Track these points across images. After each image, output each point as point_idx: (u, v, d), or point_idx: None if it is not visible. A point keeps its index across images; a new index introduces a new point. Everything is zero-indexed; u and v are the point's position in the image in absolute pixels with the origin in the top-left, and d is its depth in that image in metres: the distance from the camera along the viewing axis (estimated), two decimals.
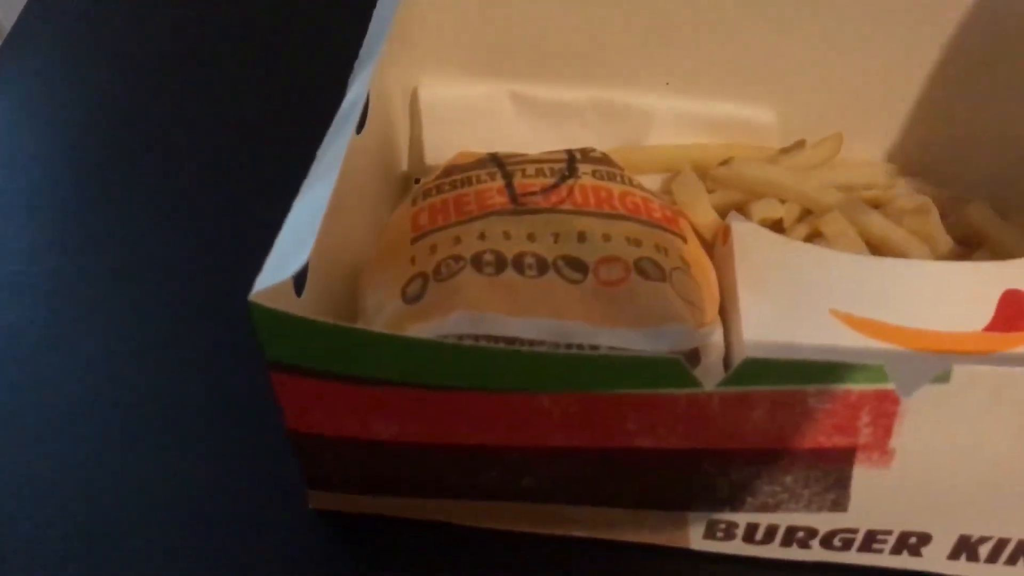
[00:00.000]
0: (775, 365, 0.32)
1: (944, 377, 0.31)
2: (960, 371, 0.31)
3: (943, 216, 0.52)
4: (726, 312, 0.44)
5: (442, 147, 0.53)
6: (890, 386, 0.32)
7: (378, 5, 0.47)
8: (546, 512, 0.40)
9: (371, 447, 0.38)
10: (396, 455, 0.38)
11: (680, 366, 0.32)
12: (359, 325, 0.42)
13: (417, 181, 0.50)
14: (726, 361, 0.43)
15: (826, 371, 0.32)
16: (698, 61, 0.52)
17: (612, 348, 0.38)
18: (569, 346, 0.38)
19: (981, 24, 0.49)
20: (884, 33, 0.50)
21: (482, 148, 0.53)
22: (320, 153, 0.40)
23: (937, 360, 0.40)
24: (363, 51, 0.45)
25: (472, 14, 0.51)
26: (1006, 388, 0.31)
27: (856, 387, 0.32)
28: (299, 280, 0.38)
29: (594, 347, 0.38)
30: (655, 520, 0.40)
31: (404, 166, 0.55)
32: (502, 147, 0.53)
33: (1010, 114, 0.51)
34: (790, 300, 0.43)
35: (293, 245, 0.36)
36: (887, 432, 0.34)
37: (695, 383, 0.33)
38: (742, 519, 0.38)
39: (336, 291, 0.44)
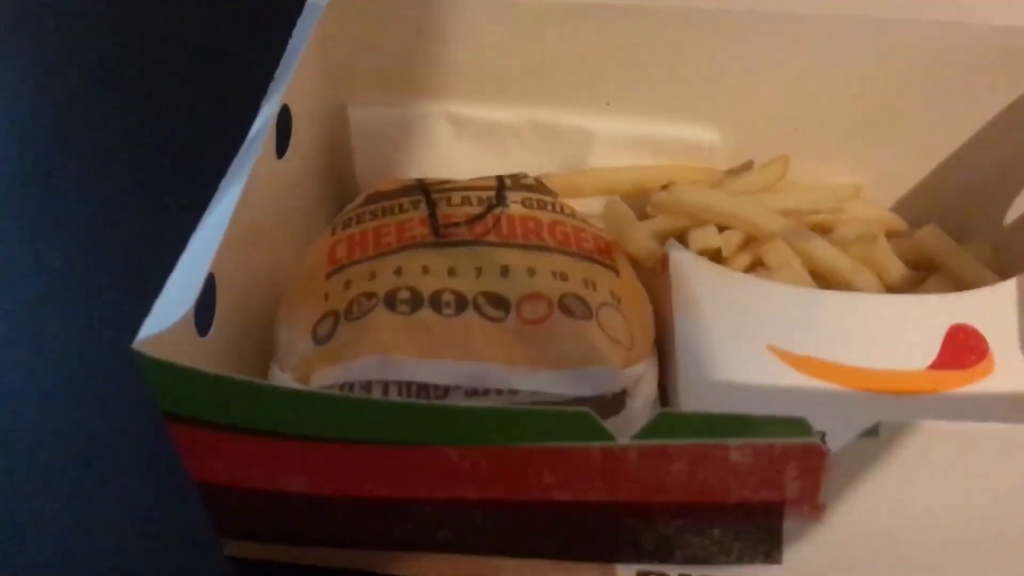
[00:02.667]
0: (691, 419, 0.30)
1: (872, 432, 0.29)
2: (888, 427, 0.29)
3: (896, 238, 0.50)
4: (664, 343, 0.43)
5: (374, 169, 0.52)
6: (815, 440, 0.30)
7: (296, 27, 0.45)
8: (470, 562, 0.38)
9: (279, 498, 0.36)
10: (305, 507, 0.36)
11: (591, 420, 0.30)
12: (274, 363, 0.40)
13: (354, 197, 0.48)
14: (663, 395, 0.41)
15: (746, 425, 0.30)
16: (640, 81, 0.50)
17: (532, 392, 0.36)
18: (486, 391, 0.36)
19: (936, 48, 0.47)
20: (836, 53, 0.48)
21: (417, 170, 0.51)
22: (223, 184, 0.38)
23: (875, 403, 0.38)
24: (277, 73, 0.43)
25: (405, 32, 0.49)
26: (934, 444, 0.29)
27: (780, 441, 0.30)
28: (203, 318, 0.36)
29: (512, 391, 0.36)
30: (584, 571, 0.37)
31: (340, 188, 0.53)
32: (438, 169, 0.51)
33: (965, 138, 0.50)
34: (728, 334, 0.41)
35: (184, 285, 0.34)
36: (816, 486, 0.32)
37: (609, 436, 0.30)
38: (673, 571, 0.36)
39: (256, 323, 0.42)
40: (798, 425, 0.30)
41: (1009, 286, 0.42)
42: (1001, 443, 0.29)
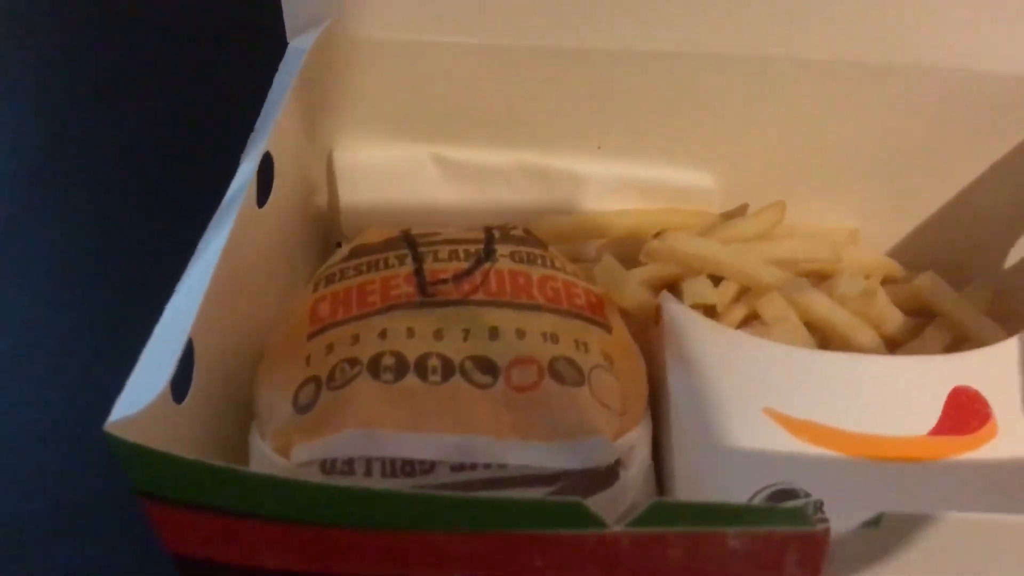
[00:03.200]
0: (686, 508, 0.29)
1: (874, 522, 0.28)
2: (891, 518, 0.28)
3: (894, 284, 0.49)
4: (658, 398, 0.41)
5: (361, 214, 0.50)
6: (814, 528, 0.29)
7: (279, 71, 0.44)
8: None
9: (258, 574, 0.35)
10: None
11: (583, 509, 0.29)
12: (255, 428, 0.39)
13: (339, 245, 0.47)
14: (657, 451, 0.40)
15: (744, 514, 0.29)
16: (631, 124, 0.48)
17: (522, 466, 0.34)
18: (473, 465, 0.34)
19: (935, 94, 0.46)
20: (833, 97, 0.47)
21: (404, 214, 0.50)
22: (201, 243, 0.36)
23: (876, 471, 0.37)
24: (259, 122, 0.41)
25: (390, 76, 0.48)
26: (937, 535, 0.28)
27: (779, 529, 0.29)
28: (181, 383, 0.34)
29: (501, 465, 0.34)
30: None
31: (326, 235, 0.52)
32: (426, 213, 0.50)
33: (964, 184, 0.49)
34: (724, 396, 0.40)
35: (162, 356, 0.33)
36: (816, 571, 0.30)
37: (601, 524, 0.29)
38: None
39: (237, 381, 0.40)
40: (797, 514, 0.28)
41: (1010, 345, 0.41)
42: (1009, 534, 0.28)
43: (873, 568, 0.30)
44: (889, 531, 0.29)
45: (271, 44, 0.46)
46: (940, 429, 0.38)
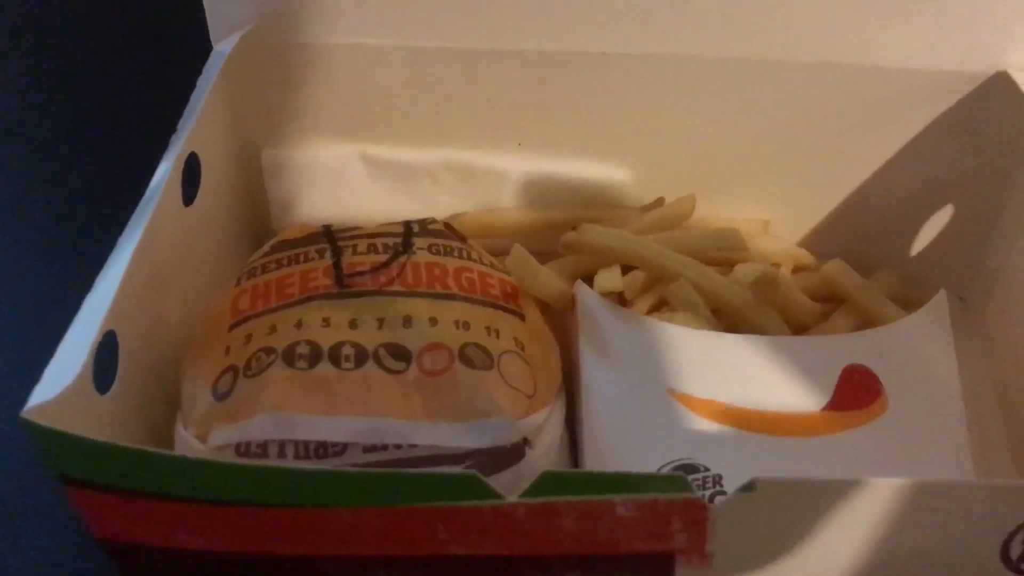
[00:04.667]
0: (576, 478, 0.31)
1: (750, 487, 0.30)
2: (763, 482, 0.30)
3: (804, 272, 0.51)
4: (573, 383, 0.43)
5: (289, 213, 0.52)
6: (695, 495, 0.30)
7: (202, 73, 0.45)
8: None
9: (180, 555, 0.36)
10: (207, 565, 0.36)
11: (477, 481, 0.30)
12: (179, 418, 0.40)
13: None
14: (573, 435, 0.42)
15: (629, 482, 0.30)
16: (550, 121, 0.50)
17: (431, 446, 0.36)
18: (384, 446, 0.36)
19: (839, 89, 0.48)
20: (741, 93, 0.49)
21: (332, 212, 0.51)
22: (121, 238, 0.38)
23: (772, 446, 0.39)
24: (181, 122, 0.43)
25: (315, 76, 0.49)
26: (808, 499, 0.30)
27: (663, 496, 0.31)
28: (104, 375, 0.36)
29: (411, 445, 0.36)
30: None
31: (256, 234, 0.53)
32: (353, 211, 0.51)
33: (870, 173, 0.51)
34: (631, 377, 0.41)
35: (78, 345, 0.34)
36: (702, 537, 0.32)
37: (496, 496, 0.31)
38: None
39: (165, 376, 0.41)
40: (678, 482, 0.30)
41: (903, 324, 0.43)
42: (874, 495, 0.30)
43: (756, 534, 0.32)
44: (765, 497, 0.30)
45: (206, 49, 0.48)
46: (833, 405, 0.40)
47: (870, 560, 0.33)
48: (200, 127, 0.43)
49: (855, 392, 0.40)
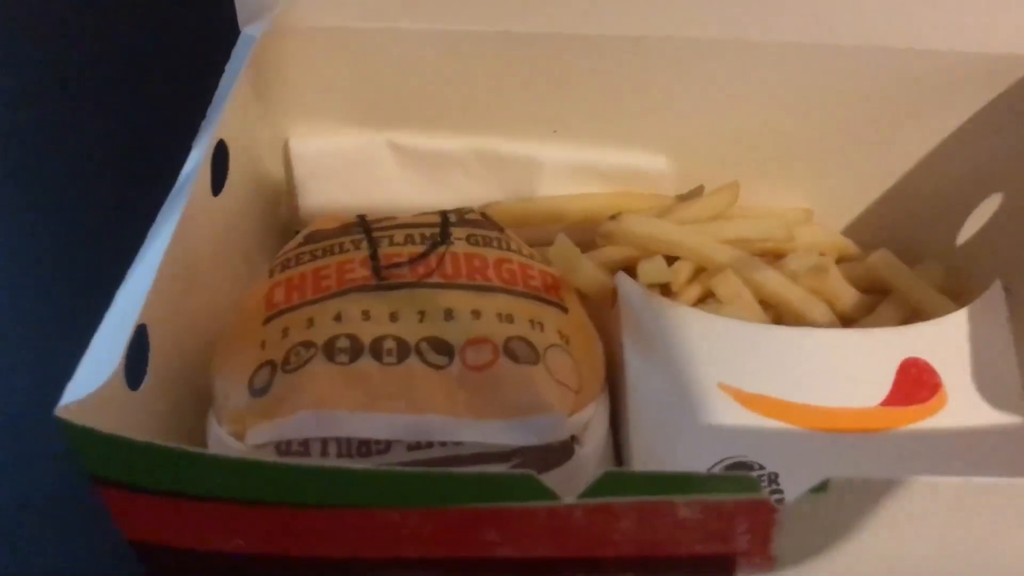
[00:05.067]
0: (637, 478, 0.29)
1: (821, 488, 0.28)
2: (836, 483, 0.28)
3: (849, 263, 0.50)
4: (616, 377, 0.42)
5: (318, 202, 0.50)
6: (763, 495, 0.29)
7: (230, 59, 0.43)
8: None
9: (216, 558, 0.34)
10: (244, 567, 0.35)
11: (535, 482, 0.29)
12: (211, 414, 0.38)
13: (298, 231, 0.47)
14: (616, 430, 0.41)
15: (693, 483, 0.29)
16: (586, 108, 0.49)
17: (477, 443, 0.35)
18: (429, 444, 0.34)
19: (885, 74, 0.47)
20: (785, 79, 0.47)
21: (362, 202, 0.50)
22: (152, 229, 0.36)
23: (828, 442, 0.38)
24: (210, 109, 0.41)
25: (344, 62, 0.48)
26: (883, 497, 0.29)
27: (729, 497, 0.29)
28: (135, 370, 0.34)
29: (456, 443, 0.35)
30: None
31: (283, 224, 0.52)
32: (383, 200, 0.50)
33: (915, 162, 0.49)
34: (678, 372, 0.40)
35: (112, 340, 0.32)
36: (766, 539, 0.31)
37: (553, 496, 0.29)
38: None
39: (194, 369, 0.40)
40: (746, 482, 0.29)
41: (959, 317, 0.42)
42: (949, 494, 0.29)
43: (821, 534, 0.30)
44: (835, 497, 0.29)
45: (229, 33, 0.46)
46: (891, 400, 0.39)
47: (936, 559, 0.32)
48: (229, 114, 0.42)
49: (914, 386, 0.39)
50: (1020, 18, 0.45)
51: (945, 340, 0.41)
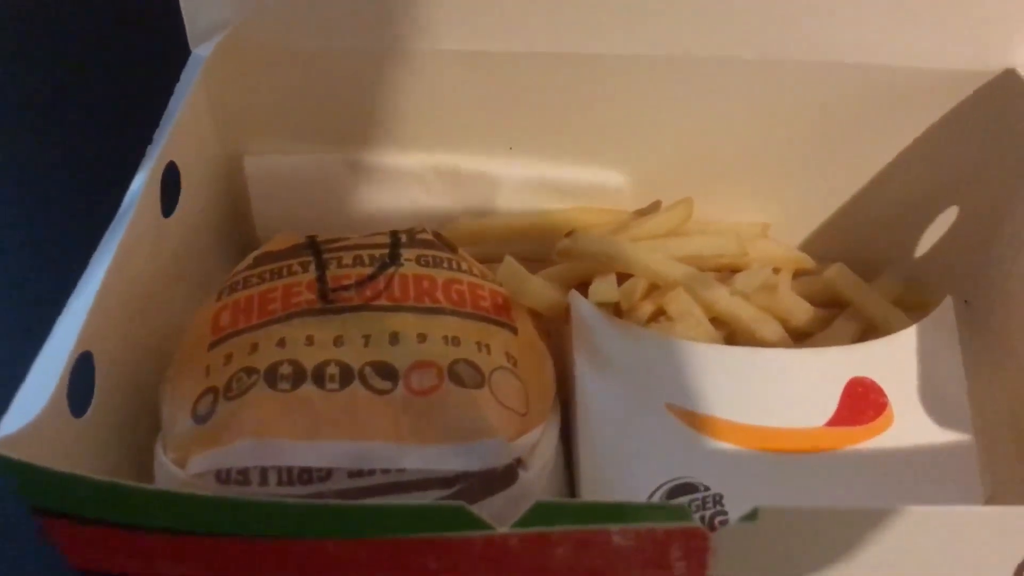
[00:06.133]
0: (570, 508, 0.29)
1: (752, 516, 0.29)
2: (765, 511, 0.28)
3: (805, 277, 0.50)
4: (569, 394, 0.42)
5: (274, 221, 0.50)
6: (695, 524, 0.29)
7: (180, 80, 0.43)
8: None
9: None
10: None
11: (466, 513, 0.29)
12: (159, 440, 0.38)
13: None
14: (568, 448, 0.41)
15: (626, 512, 0.29)
16: (542, 125, 0.49)
17: (420, 469, 0.35)
18: (372, 471, 0.34)
19: (839, 89, 0.47)
20: (740, 94, 0.47)
21: (319, 219, 0.50)
22: (95, 255, 0.36)
23: (773, 463, 0.38)
24: (157, 132, 0.41)
25: (297, 80, 0.47)
26: (812, 527, 0.29)
27: (661, 525, 0.29)
28: (80, 397, 0.34)
29: (399, 470, 0.34)
30: None
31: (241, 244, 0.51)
32: (340, 218, 0.50)
33: (871, 175, 0.49)
34: (627, 391, 0.40)
35: (49, 369, 0.32)
36: (702, 565, 0.31)
37: (487, 526, 0.29)
38: None
39: (146, 394, 0.40)
40: (677, 510, 0.29)
41: (909, 334, 0.42)
42: (876, 522, 0.29)
43: (757, 560, 0.31)
44: (768, 523, 0.29)
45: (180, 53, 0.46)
46: (837, 420, 0.39)
47: None
48: (178, 135, 0.42)
49: (860, 406, 0.39)
50: (974, 36, 0.45)
51: (893, 358, 0.41)
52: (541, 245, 0.48)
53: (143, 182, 0.39)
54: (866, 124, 0.48)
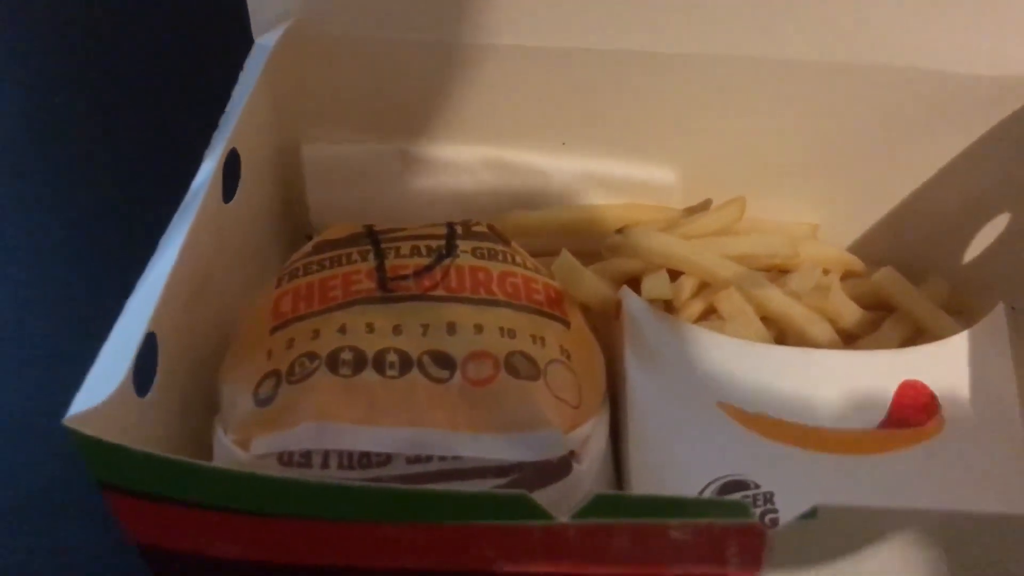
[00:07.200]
0: (629, 501, 0.30)
1: (811, 514, 0.29)
2: (825, 510, 0.28)
3: (854, 279, 0.50)
4: (618, 390, 0.42)
5: (329, 209, 0.51)
6: (754, 520, 0.29)
7: (244, 68, 0.44)
8: None
9: (218, 564, 0.35)
10: (245, 572, 0.35)
11: (528, 501, 0.29)
12: (218, 422, 0.39)
13: (309, 238, 0.47)
14: (616, 442, 0.41)
15: (685, 506, 0.29)
16: (596, 120, 0.49)
17: (475, 457, 0.35)
18: (429, 458, 0.35)
19: (892, 92, 0.47)
20: (793, 95, 0.48)
21: (371, 209, 0.51)
22: (163, 239, 0.37)
23: (824, 464, 0.38)
24: (223, 119, 0.42)
25: (356, 71, 0.48)
26: (868, 526, 0.29)
27: (719, 521, 0.30)
28: (143, 377, 0.35)
29: (456, 457, 0.35)
30: None
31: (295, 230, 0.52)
32: (392, 208, 0.51)
33: (922, 180, 0.49)
34: (678, 388, 0.40)
35: (120, 350, 0.33)
36: (757, 562, 0.31)
37: (547, 516, 0.30)
38: None
39: (204, 376, 0.41)
40: (737, 507, 0.29)
41: (960, 340, 0.42)
42: (935, 524, 0.29)
43: (812, 558, 0.31)
44: (824, 523, 0.29)
45: (244, 42, 0.47)
46: (888, 422, 0.39)
47: None
48: (242, 123, 0.42)
49: (911, 410, 0.39)
50: None
51: (945, 363, 0.41)
52: (590, 240, 0.48)
53: (211, 169, 0.39)
54: (919, 128, 0.48)
